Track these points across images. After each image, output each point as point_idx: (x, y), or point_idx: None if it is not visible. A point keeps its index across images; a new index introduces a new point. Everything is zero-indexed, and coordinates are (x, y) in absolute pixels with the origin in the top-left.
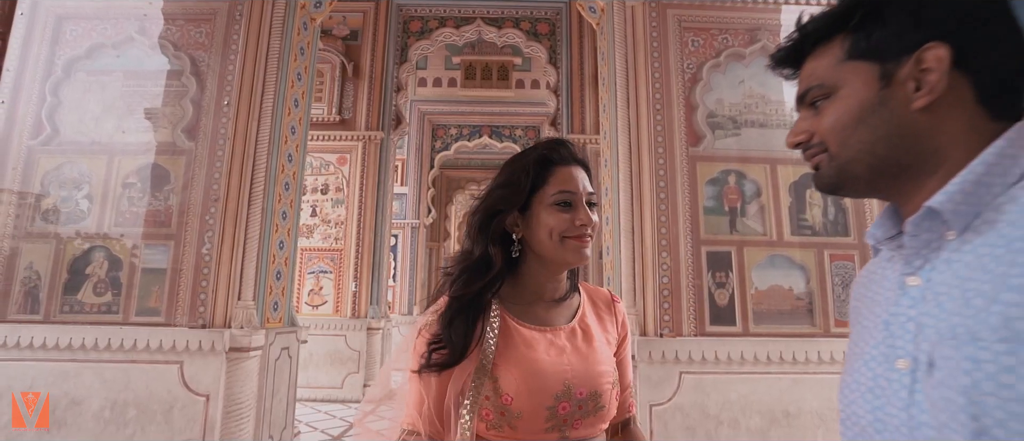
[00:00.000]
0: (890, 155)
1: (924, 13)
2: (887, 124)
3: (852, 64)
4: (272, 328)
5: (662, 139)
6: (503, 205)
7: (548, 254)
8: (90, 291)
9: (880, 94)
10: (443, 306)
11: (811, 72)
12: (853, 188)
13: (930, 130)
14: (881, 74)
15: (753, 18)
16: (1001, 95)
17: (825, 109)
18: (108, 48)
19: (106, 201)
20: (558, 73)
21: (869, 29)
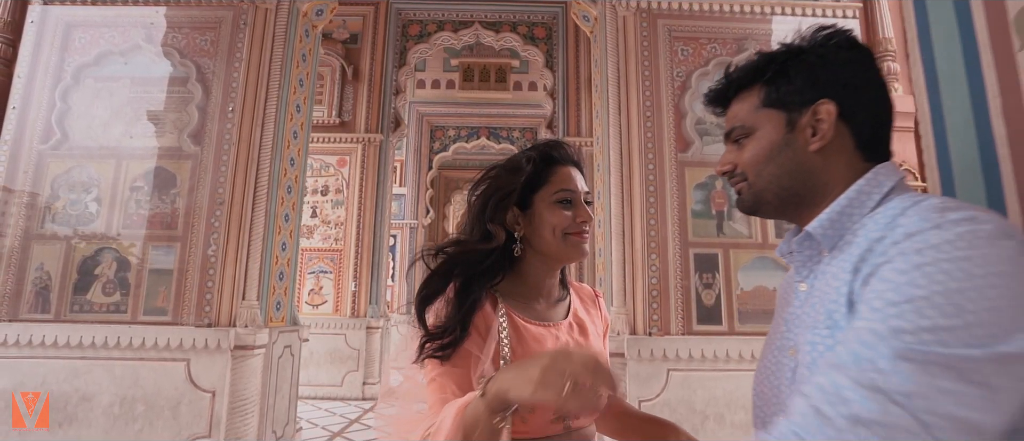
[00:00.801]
0: (792, 186)
1: (819, 75)
2: (791, 161)
3: (766, 111)
4: (275, 327)
5: (652, 145)
6: (504, 185)
7: (551, 250)
8: (99, 291)
9: (786, 137)
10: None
11: (735, 114)
12: (766, 211)
13: (821, 168)
14: (787, 121)
15: (740, 28)
16: (873, 142)
17: (745, 146)
18: (116, 55)
19: (114, 204)
20: (554, 77)
21: (779, 84)
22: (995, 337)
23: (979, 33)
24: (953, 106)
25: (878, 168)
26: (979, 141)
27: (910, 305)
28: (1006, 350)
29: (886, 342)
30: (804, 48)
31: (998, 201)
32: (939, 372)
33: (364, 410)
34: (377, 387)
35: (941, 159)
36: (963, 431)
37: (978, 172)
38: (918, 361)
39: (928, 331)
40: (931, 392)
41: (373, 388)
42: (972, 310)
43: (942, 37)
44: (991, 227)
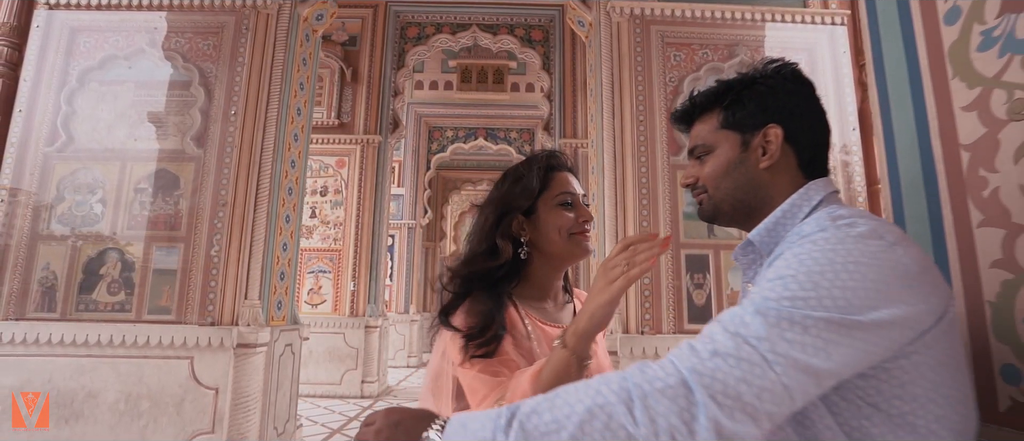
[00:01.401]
0: (745, 198)
1: (768, 103)
2: (744, 177)
3: (724, 132)
4: (276, 326)
5: (645, 148)
6: (515, 200)
7: (558, 250)
8: (104, 290)
9: (740, 155)
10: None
11: (698, 133)
12: (722, 220)
13: (769, 183)
14: (741, 142)
15: (732, 34)
16: (813, 161)
17: (706, 162)
18: (120, 59)
19: (119, 205)
20: (551, 79)
21: (735, 109)
22: (841, 309)
23: (922, 63)
24: (901, 127)
25: (810, 184)
26: (921, 158)
27: (780, 280)
28: (851, 318)
29: (754, 304)
30: (756, 79)
31: (936, 210)
32: (787, 326)
33: (363, 408)
34: (375, 386)
35: (891, 174)
36: (798, 369)
37: (920, 185)
38: (772, 316)
39: (786, 298)
40: (777, 339)
41: (371, 386)
42: (825, 287)
43: (893, 66)
44: (864, 229)
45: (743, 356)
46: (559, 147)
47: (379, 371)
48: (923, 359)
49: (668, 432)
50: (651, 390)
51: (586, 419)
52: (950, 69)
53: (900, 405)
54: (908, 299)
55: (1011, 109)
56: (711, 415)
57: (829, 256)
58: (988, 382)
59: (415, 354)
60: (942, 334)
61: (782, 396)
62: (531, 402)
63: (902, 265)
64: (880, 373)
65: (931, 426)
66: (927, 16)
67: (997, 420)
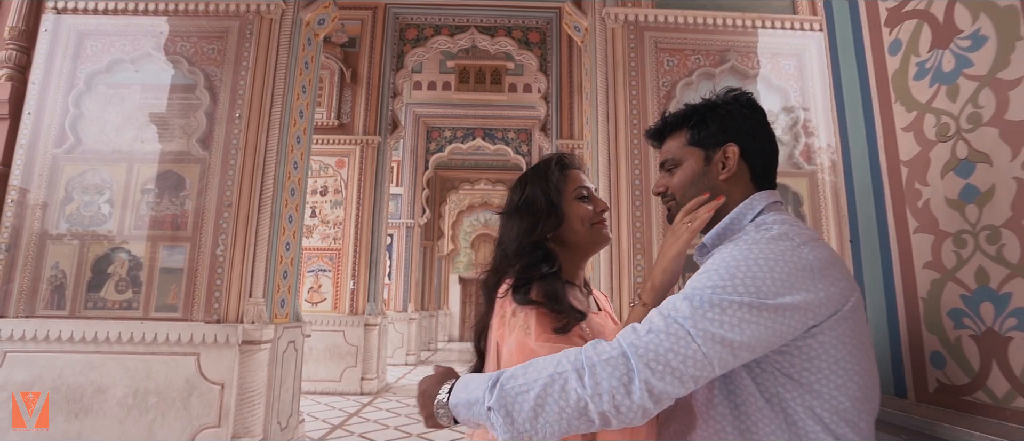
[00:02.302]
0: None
1: (728, 124)
2: (706, 187)
3: (690, 148)
4: (280, 323)
5: (638, 152)
6: (549, 193)
7: (582, 240)
8: (112, 289)
9: (703, 169)
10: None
11: (668, 149)
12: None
13: (726, 194)
14: (705, 157)
15: (723, 41)
16: (763, 175)
17: (675, 173)
18: (127, 63)
19: (126, 206)
20: (548, 80)
21: (700, 129)
22: (751, 294)
23: (871, 87)
24: (855, 143)
25: (754, 195)
26: (871, 171)
27: (705, 274)
28: (757, 301)
29: (684, 293)
30: (718, 104)
31: (883, 217)
32: (707, 308)
33: (363, 404)
34: (375, 383)
35: (847, 184)
36: (715, 341)
37: (870, 195)
38: (696, 301)
39: (708, 287)
40: (699, 318)
41: (371, 384)
42: (740, 278)
43: (848, 88)
44: (776, 233)
45: (672, 332)
46: (556, 148)
47: (378, 368)
48: (827, 339)
49: (610, 393)
50: (598, 361)
51: (548, 383)
52: (893, 94)
53: (808, 375)
54: (809, 288)
55: (938, 132)
56: (644, 377)
57: (745, 254)
58: (920, 367)
59: (413, 351)
60: (844, 319)
61: (702, 363)
62: (512, 369)
63: (806, 261)
64: (793, 349)
65: (833, 393)
66: (875, 46)
67: (927, 399)
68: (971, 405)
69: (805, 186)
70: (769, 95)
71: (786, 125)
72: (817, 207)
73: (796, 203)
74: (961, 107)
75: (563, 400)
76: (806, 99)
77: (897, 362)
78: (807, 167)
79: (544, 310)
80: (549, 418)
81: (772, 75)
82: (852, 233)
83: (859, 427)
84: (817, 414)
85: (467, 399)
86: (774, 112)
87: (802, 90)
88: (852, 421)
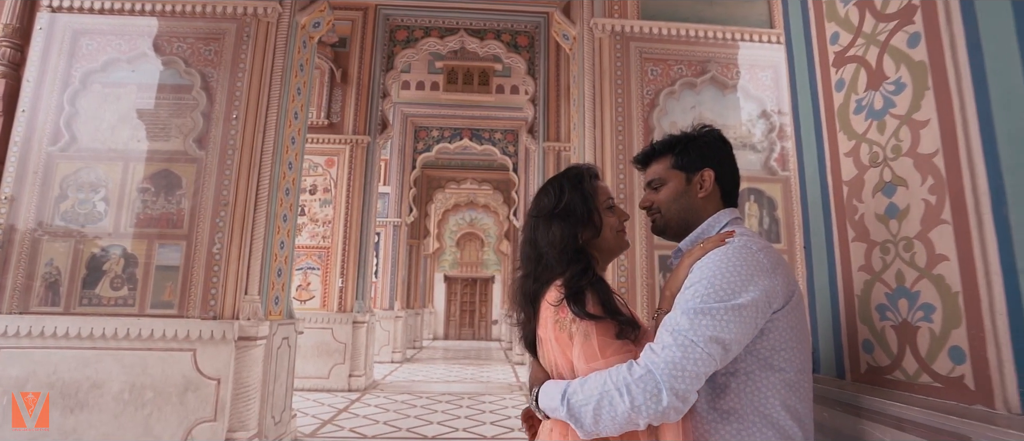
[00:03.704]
0: (686, 218)
1: (705, 153)
2: (686, 203)
3: (674, 171)
4: (274, 320)
5: (623, 157)
6: (588, 202)
7: (611, 246)
8: (107, 286)
9: (685, 188)
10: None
11: (654, 170)
12: (669, 234)
13: (702, 208)
14: (686, 179)
15: (705, 52)
16: (730, 194)
17: (661, 191)
18: (123, 63)
19: (122, 204)
20: (536, 84)
21: (682, 155)
22: (726, 298)
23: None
24: (809, 163)
25: (720, 212)
26: (821, 187)
27: (692, 288)
28: (733, 303)
29: (681, 309)
30: (696, 136)
31: (829, 227)
32: (701, 316)
33: (351, 401)
34: (363, 379)
35: (802, 198)
36: (712, 341)
37: (820, 207)
38: (691, 314)
39: (698, 298)
40: (697, 326)
41: (359, 380)
42: (717, 286)
43: (804, 116)
44: (739, 244)
45: (680, 343)
46: (543, 150)
47: (366, 365)
48: (779, 324)
49: (644, 404)
50: (632, 381)
51: (599, 399)
52: (838, 123)
53: (765, 352)
54: (766, 282)
55: (870, 158)
56: (669, 386)
57: (719, 266)
58: (855, 352)
59: (399, 349)
60: (791, 309)
61: (707, 361)
62: (574, 384)
63: (762, 263)
64: (757, 335)
65: (782, 364)
66: (825, 83)
67: (860, 378)
68: (890, 382)
69: (779, 191)
70: (747, 104)
71: (763, 132)
72: (790, 211)
73: (771, 207)
74: (887, 139)
75: (612, 411)
76: (782, 108)
77: (838, 348)
78: (781, 173)
79: (603, 320)
80: (605, 423)
81: (750, 85)
82: (805, 241)
83: (800, 391)
84: (771, 381)
85: (550, 406)
86: (752, 119)
87: (778, 100)
88: (794, 384)
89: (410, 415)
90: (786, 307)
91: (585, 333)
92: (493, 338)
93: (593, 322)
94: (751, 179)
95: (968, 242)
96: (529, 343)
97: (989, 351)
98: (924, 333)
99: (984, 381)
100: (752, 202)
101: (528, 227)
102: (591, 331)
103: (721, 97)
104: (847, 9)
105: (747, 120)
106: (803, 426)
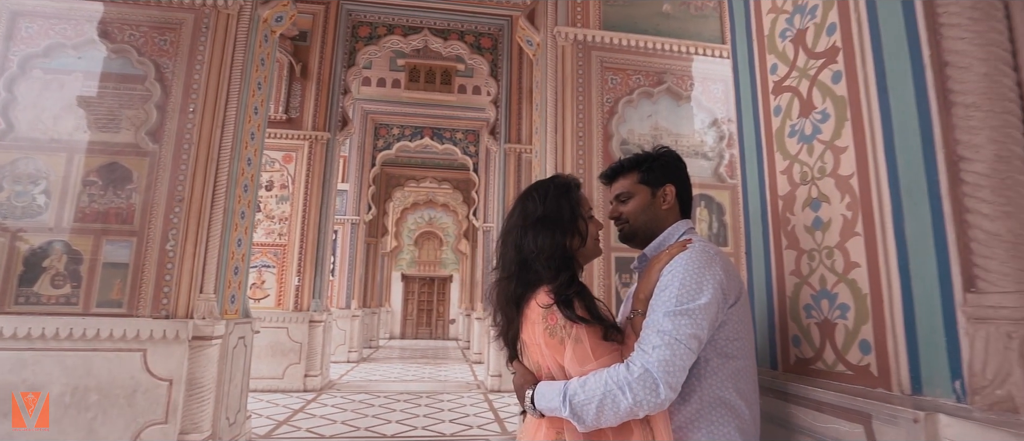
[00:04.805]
0: (650, 227)
1: (668, 170)
2: (651, 215)
3: (640, 185)
4: (230, 319)
5: (583, 161)
6: (575, 211)
7: (591, 253)
8: (48, 283)
9: (650, 201)
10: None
11: (622, 184)
12: (635, 242)
13: (664, 219)
14: (651, 193)
15: (661, 63)
16: (686, 207)
17: (628, 203)
18: (68, 48)
19: (65, 197)
20: (499, 86)
21: (648, 172)
22: (695, 297)
23: (762, 137)
24: (751, 176)
25: (678, 222)
26: (760, 201)
27: (666, 291)
28: (700, 302)
29: (662, 311)
30: (659, 156)
31: (767, 236)
32: (679, 317)
33: (307, 401)
34: (319, 379)
35: (745, 209)
36: (691, 337)
37: (759, 218)
38: (671, 315)
39: (673, 302)
40: (677, 326)
41: (314, 380)
42: (686, 289)
43: (748, 135)
44: (698, 249)
45: (667, 343)
46: (504, 151)
47: (322, 365)
48: (733, 317)
49: (644, 398)
50: (632, 380)
51: (602, 397)
52: (775, 145)
53: (722, 342)
54: (721, 282)
55: (801, 177)
56: (664, 381)
57: (686, 270)
58: (785, 346)
59: (355, 348)
60: (740, 306)
61: (689, 356)
62: (574, 385)
63: (714, 267)
64: (717, 328)
65: (735, 353)
66: (765, 108)
67: (790, 369)
68: (814, 371)
69: (728, 198)
70: (700, 114)
71: (714, 141)
72: (737, 216)
73: (719, 212)
74: (815, 161)
75: (615, 407)
76: (732, 119)
77: (772, 342)
78: (730, 181)
79: (593, 325)
80: (607, 417)
81: (703, 97)
82: (747, 247)
83: (748, 376)
84: (726, 368)
85: (548, 406)
86: (704, 129)
87: (728, 111)
88: (744, 371)
89: (368, 414)
90: (738, 303)
91: (576, 338)
92: (451, 337)
93: (584, 327)
94: (702, 186)
95: (875, 251)
96: (510, 345)
97: (889, 343)
98: (841, 329)
99: (884, 368)
100: (702, 207)
101: (513, 231)
102: (582, 336)
103: (676, 107)
104: (784, 45)
105: (699, 130)
106: (750, 406)
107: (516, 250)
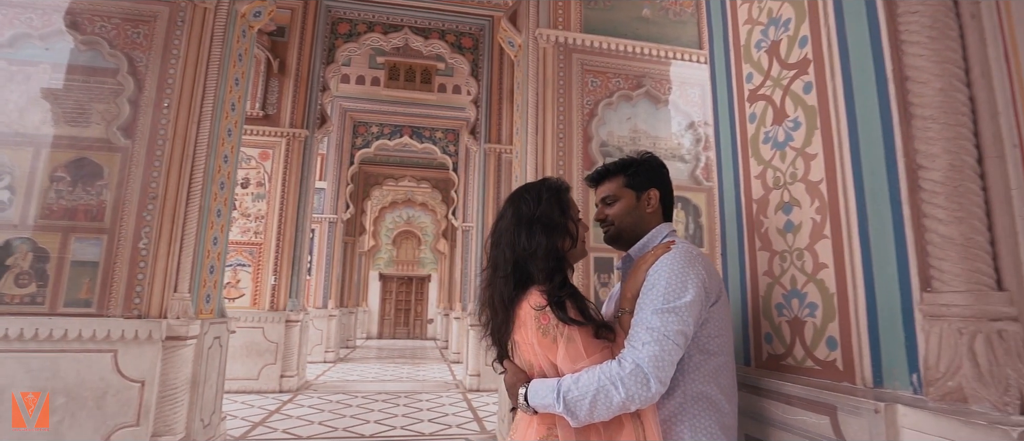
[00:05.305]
0: (635, 230)
1: (652, 175)
2: (636, 217)
3: (626, 189)
4: (206, 319)
5: (562, 163)
6: (566, 213)
7: (578, 254)
8: (11, 282)
9: (635, 204)
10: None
11: (608, 188)
12: (620, 244)
13: (648, 222)
14: (636, 196)
15: (640, 67)
16: (668, 210)
17: (614, 206)
18: (34, 39)
19: (31, 193)
20: (479, 86)
21: (634, 176)
22: (680, 296)
23: (738, 143)
24: (727, 180)
25: (661, 225)
26: (736, 204)
27: (654, 290)
28: (685, 300)
29: (651, 309)
30: (644, 161)
31: (742, 238)
32: (667, 314)
33: (283, 402)
34: (295, 380)
35: (721, 211)
36: (678, 333)
37: (735, 221)
38: (658, 312)
39: (660, 299)
40: (665, 323)
41: (291, 381)
42: (672, 288)
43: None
44: (681, 250)
45: (656, 339)
46: (484, 151)
47: (299, 365)
48: (714, 316)
49: (637, 393)
50: (624, 375)
51: (596, 393)
52: (750, 150)
53: (704, 340)
54: (703, 281)
55: (774, 181)
56: (655, 375)
57: (671, 270)
58: (759, 343)
59: (332, 349)
60: (721, 305)
61: (676, 351)
62: (567, 382)
63: (697, 269)
64: (700, 326)
65: (716, 349)
66: (741, 116)
67: (762, 365)
68: (784, 366)
69: (704, 200)
70: (677, 118)
71: (691, 144)
72: (713, 218)
73: (696, 214)
74: (787, 167)
75: (608, 402)
76: (708, 122)
77: (746, 340)
78: (706, 184)
79: (585, 325)
80: (600, 412)
81: (680, 101)
82: (722, 248)
83: (728, 371)
84: (708, 364)
85: (542, 403)
86: (681, 132)
87: (705, 114)
88: (723, 366)
89: (346, 415)
90: (718, 302)
91: (569, 337)
92: (429, 337)
93: (577, 327)
94: (679, 188)
95: (841, 253)
96: (500, 343)
97: (853, 339)
98: (809, 326)
99: (849, 363)
100: (679, 209)
101: (507, 232)
102: (575, 335)
103: (654, 110)
104: (759, 55)
105: (677, 132)
106: (730, 400)
107: (510, 250)
